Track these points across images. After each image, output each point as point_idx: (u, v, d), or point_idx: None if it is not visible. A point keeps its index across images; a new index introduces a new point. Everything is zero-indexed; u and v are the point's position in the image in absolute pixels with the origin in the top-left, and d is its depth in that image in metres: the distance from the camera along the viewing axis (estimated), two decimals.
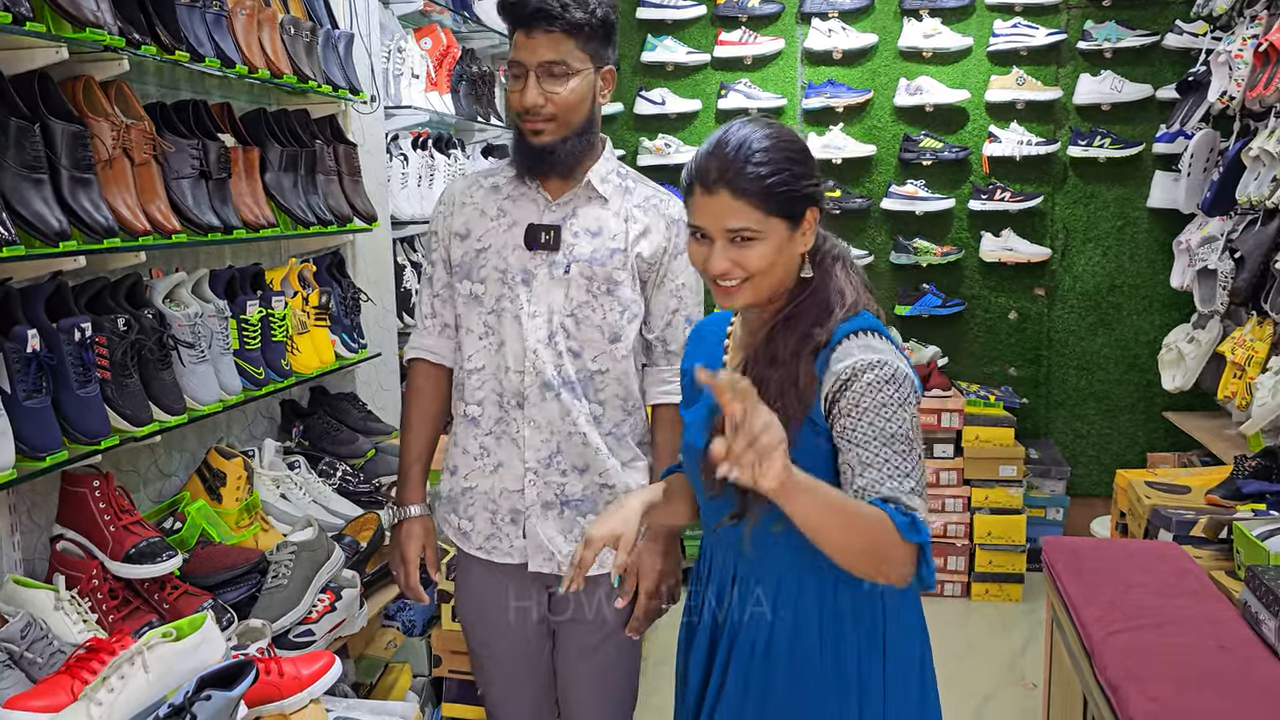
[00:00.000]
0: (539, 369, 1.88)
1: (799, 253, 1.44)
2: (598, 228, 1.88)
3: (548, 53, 1.78)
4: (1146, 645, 2.02)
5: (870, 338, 1.39)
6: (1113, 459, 4.43)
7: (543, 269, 1.88)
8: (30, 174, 1.70)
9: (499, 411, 1.91)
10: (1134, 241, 4.43)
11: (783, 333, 1.42)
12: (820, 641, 1.44)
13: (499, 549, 1.95)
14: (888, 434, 1.32)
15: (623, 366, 1.90)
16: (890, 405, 1.33)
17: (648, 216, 1.90)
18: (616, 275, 1.87)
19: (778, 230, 1.40)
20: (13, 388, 1.67)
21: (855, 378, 1.34)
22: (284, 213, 2.45)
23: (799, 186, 1.40)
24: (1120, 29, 4.27)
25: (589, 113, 1.85)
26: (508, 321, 1.89)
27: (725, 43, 4.52)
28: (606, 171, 1.91)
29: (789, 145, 1.42)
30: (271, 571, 2.09)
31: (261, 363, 2.32)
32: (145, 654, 1.49)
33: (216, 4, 2.19)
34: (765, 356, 1.42)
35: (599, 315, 1.87)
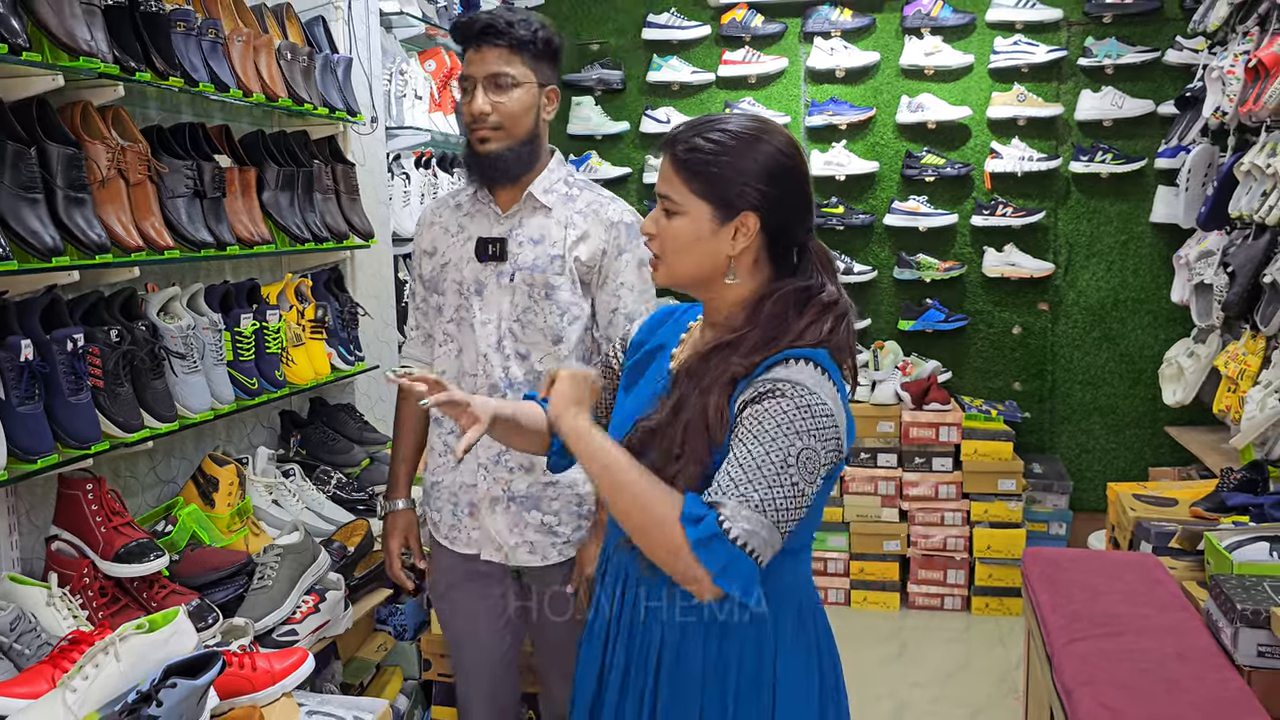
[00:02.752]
0: (488, 372, 2.03)
1: (724, 254, 1.40)
2: (540, 236, 2.02)
3: (494, 65, 1.95)
4: (1104, 652, 2.05)
5: (803, 366, 1.33)
6: (1117, 474, 4.43)
7: (491, 279, 2.02)
8: (26, 193, 1.81)
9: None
10: (1137, 256, 4.43)
11: (719, 354, 1.38)
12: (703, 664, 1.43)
13: (459, 539, 2.12)
14: (768, 451, 1.28)
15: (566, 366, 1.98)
16: (785, 430, 1.28)
17: (586, 221, 2.02)
18: (554, 280, 1.99)
19: (700, 213, 1.39)
20: (6, 394, 1.77)
21: (766, 395, 1.31)
22: (280, 230, 2.56)
23: (730, 178, 1.37)
24: (1121, 45, 4.30)
25: (533, 124, 2.00)
26: (464, 329, 2.05)
27: (729, 62, 4.60)
28: (551, 182, 2.04)
29: (749, 143, 1.38)
30: (258, 573, 2.18)
31: (255, 373, 2.42)
32: (118, 644, 1.57)
33: (212, 31, 2.30)
34: (693, 373, 1.39)
35: (541, 319, 2.00)
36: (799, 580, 1.49)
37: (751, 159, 1.38)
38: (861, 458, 4.24)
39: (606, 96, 4.79)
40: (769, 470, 1.27)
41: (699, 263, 1.42)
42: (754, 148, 1.39)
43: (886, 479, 4.20)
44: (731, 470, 1.29)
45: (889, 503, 4.21)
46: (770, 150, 1.39)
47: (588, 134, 4.76)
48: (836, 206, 4.54)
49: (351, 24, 3.00)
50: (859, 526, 4.23)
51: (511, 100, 1.96)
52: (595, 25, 4.81)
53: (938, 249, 4.54)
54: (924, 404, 4.20)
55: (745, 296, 1.43)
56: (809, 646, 1.46)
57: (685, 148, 1.41)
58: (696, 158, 1.39)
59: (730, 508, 1.26)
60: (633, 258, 2.04)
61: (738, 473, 1.28)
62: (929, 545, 4.16)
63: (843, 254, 4.57)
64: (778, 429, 1.28)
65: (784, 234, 1.42)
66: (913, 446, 4.19)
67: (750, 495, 1.27)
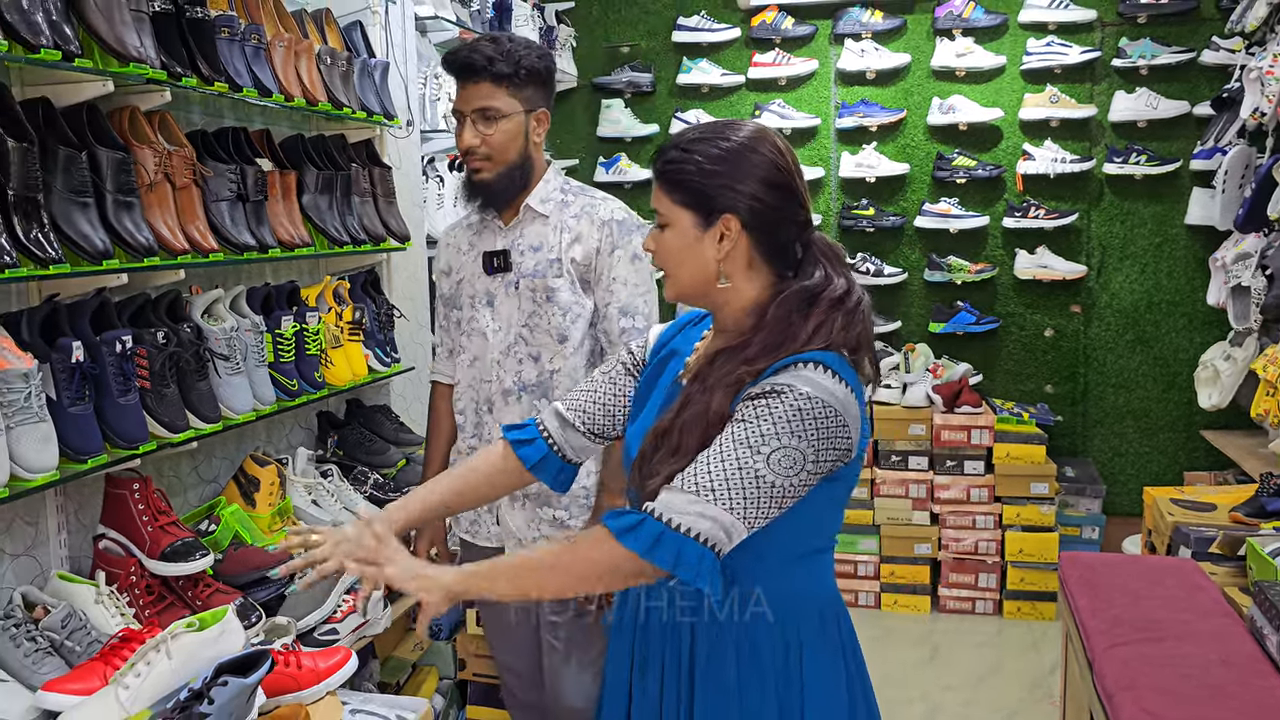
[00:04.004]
0: (501, 377, 2.13)
1: (712, 259, 1.40)
2: (539, 243, 2.10)
3: (479, 100, 2.04)
4: (1146, 657, 2.04)
5: (808, 370, 1.31)
6: (1151, 478, 4.39)
7: (500, 289, 2.13)
8: (77, 198, 1.84)
9: (476, 416, 2.20)
10: (1172, 258, 4.40)
11: (726, 359, 1.38)
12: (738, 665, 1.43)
13: (480, 534, 2.23)
14: (734, 444, 1.29)
15: (572, 363, 2.11)
16: (763, 424, 1.28)
17: (580, 223, 2.10)
18: (553, 283, 2.08)
19: (684, 222, 1.40)
20: (58, 395, 1.80)
21: (760, 397, 1.31)
22: (319, 232, 2.58)
23: (704, 183, 1.38)
24: (1156, 46, 4.26)
25: (522, 150, 2.08)
26: (477, 339, 2.16)
27: (759, 64, 4.60)
28: (547, 192, 2.14)
29: (723, 147, 1.39)
30: (299, 572, 2.20)
31: (295, 375, 2.44)
32: (170, 642, 1.60)
33: (255, 37, 2.33)
34: (701, 376, 1.40)
35: (546, 321, 2.09)
36: (818, 583, 1.48)
37: (722, 161, 1.38)
38: (893, 460, 4.23)
39: (636, 99, 4.80)
40: (732, 458, 1.28)
41: (692, 271, 1.42)
42: (724, 150, 1.39)
43: (918, 482, 4.19)
44: (708, 459, 1.29)
45: (920, 506, 4.20)
46: (740, 150, 1.39)
47: (617, 136, 4.77)
48: (867, 209, 4.53)
49: (388, 29, 3.03)
50: (889, 529, 4.22)
51: (498, 132, 2.04)
52: (625, 28, 4.82)
53: (969, 251, 4.52)
54: (956, 407, 4.18)
55: (749, 303, 1.42)
56: (834, 649, 1.46)
57: (664, 161, 1.43)
58: (673, 169, 1.41)
59: (663, 501, 1.28)
60: (625, 253, 2.10)
61: (700, 462, 1.29)
62: (960, 549, 4.14)
63: (873, 256, 4.56)
64: (758, 422, 1.29)
65: (770, 232, 1.40)
66: (944, 449, 4.17)
67: (700, 480, 1.28)
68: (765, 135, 1.41)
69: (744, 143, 1.39)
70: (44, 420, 1.73)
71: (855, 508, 4.24)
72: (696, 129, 1.43)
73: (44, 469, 1.72)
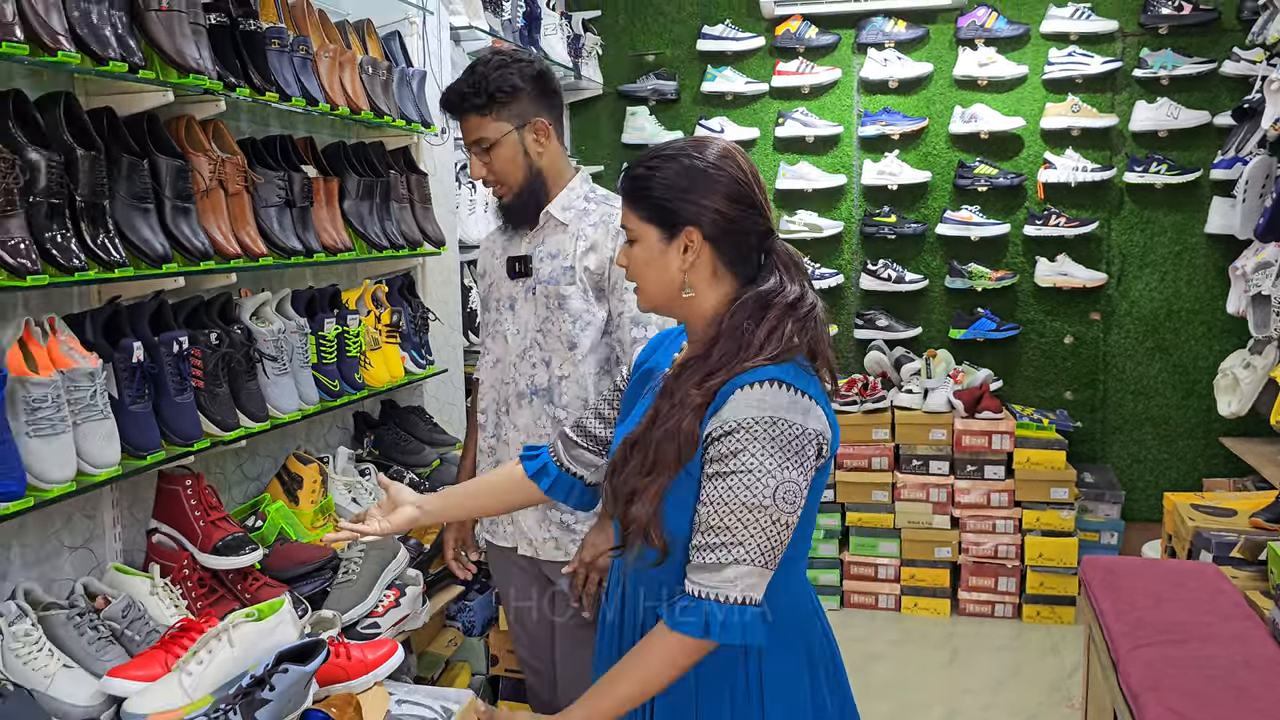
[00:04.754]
0: (516, 379, 2.18)
1: (677, 270, 1.45)
2: (557, 250, 2.14)
3: (472, 133, 2.10)
4: (1170, 658, 2.09)
5: (770, 389, 1.36)
6: (1170, 484, 4.42)
7: (521, 293, 2.17)
8: (139, 204, 1.91)
9: (496, 417, 2.24)
10: (1192, 267, 4.43)
11: (689, 371, 1.43)
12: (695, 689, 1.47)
13: (498, 533, 2.27)
14: (740, 501, 1.34)
15: (581, 371, 2.11)
16: (755, 471, 1.33)
17: (596, 232, 2.12)
18: (565, 290, 2.11)
19: (650, 236, 1.46)
20: (120, 393, 1.87)
21: (731, 433, 1.35)
22: (360, 237, 2.65)
23: (665, 197, 1.44)
24: (1177, 56, 4.31)
25: (527, 166, 2.11)
26: (500, 341, 2.22)
27: (783, 73, 4.66)
28: (571, 200, 2.16)
29: (685, 163, 1.44)
30: (342, 568, 2.27)
31: (337, 376, 2.51)
32: (231, 631, 1.67)
33: (303, 48, 2.40)
34: (669, 388, 1.44)
35: (557, 327, 2.12)
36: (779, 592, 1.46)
37: (682, 176, 1.44)
38: (914, 465, 4.28)
39: (661, 106, 4.87)
40: (746, 519, 1.34)
41: (659, 283, 1.48)
42: (684, 166, 1.45)
43: (938, 486, 4.23)
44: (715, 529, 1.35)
45: (940, 510, 4.24)
46: (699, 166, 1.44)
47: (642, 143, 4.83)
48: (889, 216, 4.59)
49: (425, 38, 3.10)
50: (910, 533, 4.27)
51: (496, 159, 2.09)
52: (651, 36, 4.89)
53: (990, 258, 4.57)
54: (976, 412, 4.23)
55: (713, 311, 1.47)
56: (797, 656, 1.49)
57: (628, 178, 1.50)
58: (637, 185, 1.48)
59: (699, 580, 1.35)
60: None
61: (724, 531, 1.35)
62: (980, 552, 4.19)
63: (894, 262, 4.61)
64: (747, 473, 1.34)
65: (730, 241, 1.45)
66: (965, 454, 4.22)
67: (732, 552, 1.34)
68: (728, 153, 1.47)
69: (707, 160, 1.44)
70: (108, 417, 1.81)
71: (876, 511, 4.29)
72: (662, 147, 1.49)
73: (108, 464, 1.79)
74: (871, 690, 3.55)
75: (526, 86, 2.07)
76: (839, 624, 4.11)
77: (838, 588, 4.35)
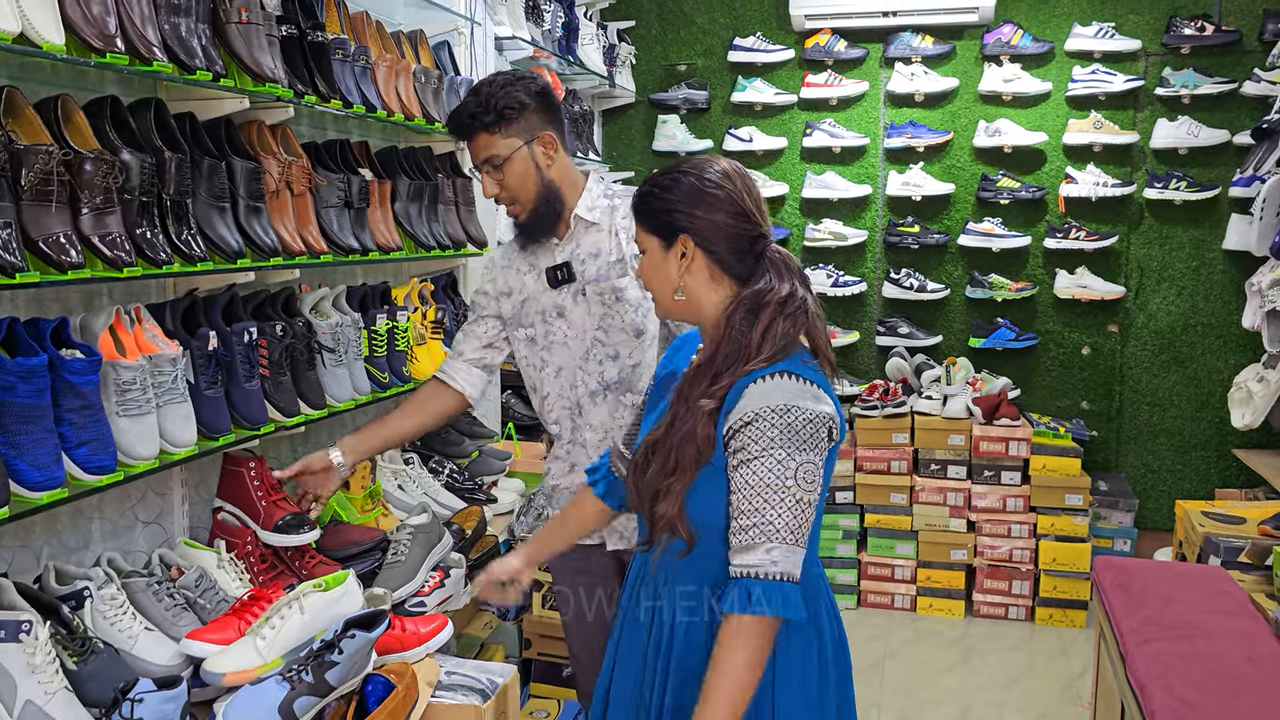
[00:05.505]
0: (585, 381, 2.22)
1: (675, 274, 1.60)
2: (596, 249, 2.19)
3: (481, 152, 2.13)
4: (1176, 653, 2.19)
5: (780, 380, 1.49)
6: (1183, 494, 4.52)
7: (568, 299, 2.21)
8: (217, 203, 2.06)
9: (570, 421, 2.26)
10: (1209, 282, 4.53)
11: (700, 373, 1.56)
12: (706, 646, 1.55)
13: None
14: (764, 483, 1.46)
15: (650, 355, 2.19)
16: (775, 454, 1.46)
17: (630, 220, 2.10)
18: (619, 283, 2.17)
19: (653, 247, 1.62)
20: (195, 379, 2.01)
21: (750, 423, 1.48)
22: (409, 237, 2.79)
23: (662, 210, 1.59)
24: (1198, 76, 4.40)
25: (538, 182, 2.14)
26: (556, 350, 2.24)
27: (811, 84, 4.78)
28: (593, 200, 2.20)
29: (683, 179, 1.59)
30: (392, 549, 2.40)
31: (386, 368, 2.65)
32: (301, 600, 1.80)
33: (363, 58, 2.54)
34: (684, 392, 1.56)
35: (619, 320, 2.18)
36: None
37: (676, 190, 1.59)
38: (932, 469, 4.39)
39: (691, 115, 5.00)
40: (775, 500, 1.46)
41: (662, 288, 1.63)
42: (679, 181, 1.60)
43: (956, 490, 4.34)
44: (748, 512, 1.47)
45: (957, 513, 4.35)
46: (692, 180, 1.59)
47: (672, 151, 4.96)
48: (912, 226, 4.70)
49: (472, 48, 3.24)
50: (927, 535, 4.37)
51: (508, 175, 2.12)
52: (683, 47, 5.02)
53: (1010, 270, 4.68)
54: (994, 419, 4.33)
55: (717, 312, 1.60)
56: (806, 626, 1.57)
57: (636, 197, 1.65)
58: (641, 202, 1.64)
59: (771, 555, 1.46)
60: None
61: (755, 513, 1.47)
62: (995, 556, 4.29)
63: (917, 271, 4.72)
64: (768, 455, 1.46)
65: (723, 246, 1.58)
66: (982, 460, 4.32)
67: (765, 531, 1.46)
68: (725, 171, 1.61)
69: (705, 177, 1.59)
70: (186, 401, 1.95)
71: (894, 513, 4.40)
72: (668, 168, 1.64)
73: (186, 444, 1.93)
74: (886, 687, 3.66)
75: (532, 102, 2.11)
76: (855, 623, 4.24)
77: (855, 587, 4.47)
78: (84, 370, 1.70)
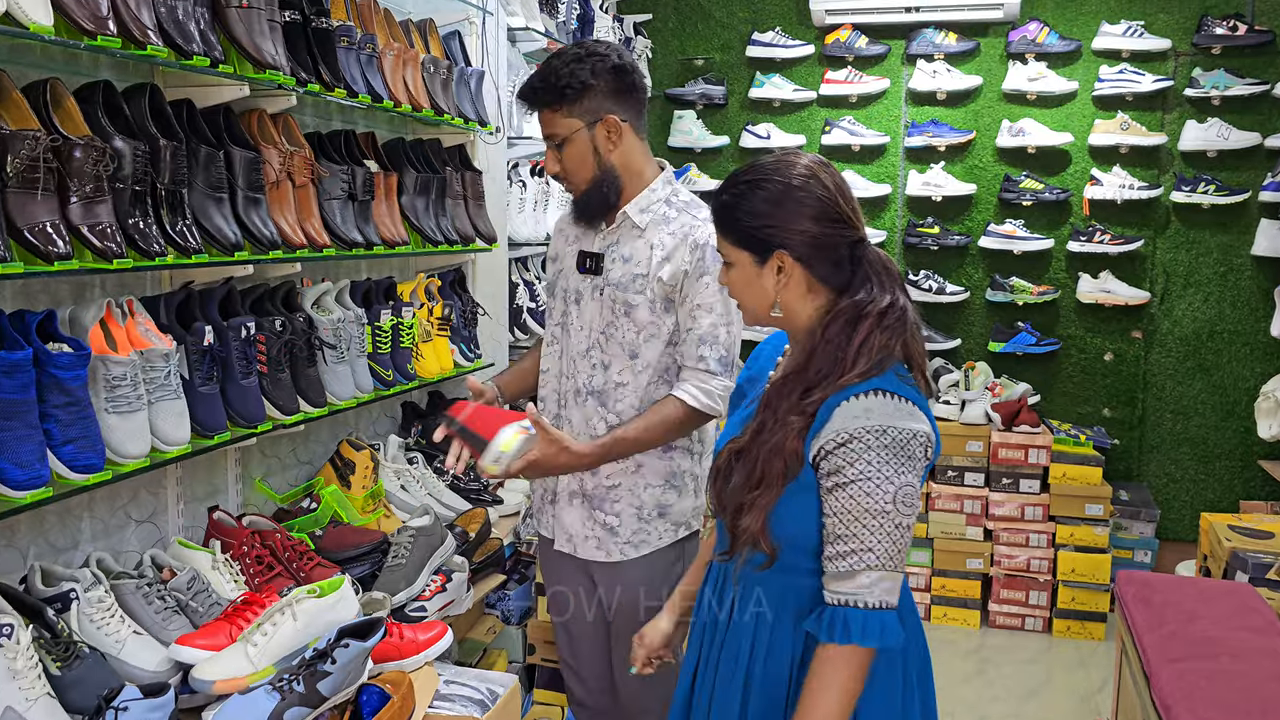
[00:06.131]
0: (575, 375, 2.15)
1: (770, 292, 1.50)
2: (630, 255, 2.09)
3: (545, 129, 2.06)
4: (1202, 672, 2.11)
5: (875, 399, 1.40)
6: (1206, 505, 4.41)
7: (588, 290, 2.13)
8: (214, 193, 1.99)
9: (555, 408, 2.20)
10: (1237, 288, 4.42)
11: (790, 383, 1.47)
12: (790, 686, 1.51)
13: (543, 523, 2.27)
14: (862, 508, 1.37)
15: (641, 381, 2.08)
16: (872, 478, 1.37)
17: (674, 241, 2.06)
18: (633, 299, 2.06)
19: (743, 261, 1.51)
20: (190, 375, 1.95)
21: (845, 444, 1.39)
22: (416, 232, 2.73)
23: (754, 224, 1.47)
24: (1229, 77, 4.29)
25: (596, 165, 2.05)
26: (566, 333, 2.17)
27: (831, 81, 4.69)
28: (650, 202, 2.09)
29: (769, 185, 1.47)
30: (392, 552, 2.34)
31: (390, 366, 2.59)
32: (294, 606, 1.74)
33: (370, 46, 2.48)
34: (772, 402, 1.48)
35: (620, 334, 2.09)
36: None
37: (764, 199, 1.47)
38: (949, 475, 4.29)
39: (708, 111, 4.92)
40: (873, 525, 1.38)
41: (756, 302, 1.53)
42: (765, 188, 1.48)
43: (973, 498, 4.25)
44: (844, 537, 1.39)
45: (974, 521, 4.26)
46: (779, 185, 1.47)
47: (688, 147, 4.89)
48: (932, 227, 4.61)
49: (484, 39, 3.17)
50: (942, 543, 4.28)
51: (567, 156, 2.04)
52: (701, 41, 4.94)
53: (1032, 273, 4.58)
54: (1014, 426, 4.24)
55: (810, 322, 1.51)
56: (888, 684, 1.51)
57: (717, 206, 1.54)
58: (724, 214, 1.52)
59: (868, 580, 1.38)
60: (714, 280, 2.01)
61: (853, 539, 1.39)
62: (1012, 565, 4.20)
63: (936, 274, 4.63)
64: (865, 480, 1.37)
65: (819, 255, 1.48)
66: (1001, 467, 4.23)
67: (865, 558, 1.38)
68: (814, 172, 1.48)
69: (793, 183, 1.47)
70: (179, 397, 1.89)
71: None
72: (749, 169, 1.53)
73: (179, 442, 1.87)
74: None
75: (598, 82, 2.00)
76: None
77: None
78: (70, 365, 1.64)
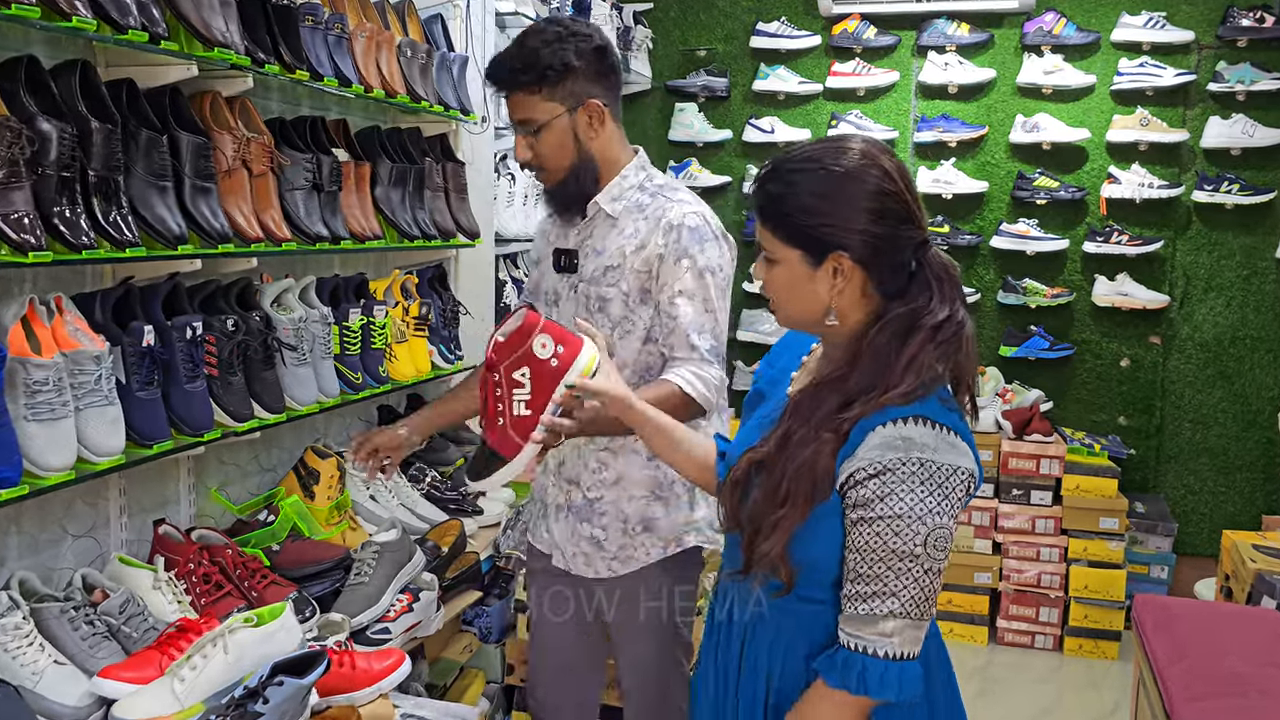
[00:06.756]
0: None
1: (825, 295, 1.33)
2: (602, 247, 1.96)
3: (517, 112, 1.92)
4: (1228, 709, 1.94)
5: (915, 426, 1.25)
6: (1226, 519, 4.23)
7: (565, 289, 2.02)
8: (156, 181, 1.83)
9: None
10: (1260, 292, 4.23)
11: (826, 392, 1.32)
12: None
13: (538, 536, 2.16)
14: (889, 549, 1.23)
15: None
16: (905, 517, 1.22)
17: (647, 226, 1.91)
18: (606, 293, 1.93)
19: (792, 259, 1.34)
20: (127, 379, 1.79)
21: (876, 476, 1.24)
22: (391, 226, 2.56)
23: (807, 220, 1.31)
24: (1255, 71, 4.10)
25: (575, 152, 1.92)
26: None
27: (838, 73, 4.52)
28: (622, 190, 1.96)
29: (825, 178, 1.31)
30: (355, 569, 2.18)
31: (360, 368, 2.42)
32: (227, 637, 1.58)
33: (338, 26, 2.31)
34: (802, 410, 1.34)
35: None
36: None
37: (826, 197, 1.31)
38: None
39: (710, 103, 4.75)
40: (898, 568, 1.24)
41: (804, 307, 1.37)
42: (824, 181, 1.31)
43: (981, 509, 4.07)
44: (865, 578, 1.26)
45: (982, 534, 4.08)
46: (844, 179, 1.31)
47: (689, 140, 4.72)
48: (942, 226, 4.43)
49: (469, 22, 3.01)
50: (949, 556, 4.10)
51: (542, 143, 1.91)
52: (703, 32, 4.77)
53: (1046, 274, 4.40)
54: (1025, 434, 4.07)
55: (857, 327, 1.35)
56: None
57: (763, 196, 1.36)
58: (772, 206, 1.35)
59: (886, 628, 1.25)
60: (693, 264, 1.87)
61: (875, 580, 1.25)
62: (1022, 580, 4.02)
63: None
64: (895, 519, 1.23)
65: (881, 259, 1.32)
66: (1011, 477, 4.05)
67: (886, 603, 1.24)
68: (872, 158, 1.32)
69: (848, 171, 1.30)
70: (113, 403, 1.72)
71: None
72: (798, 153, 1.35)
73: (110, 453, 1.70)
74: None
75: (581, 64, 1.87)
76: None
77: None
78: None
